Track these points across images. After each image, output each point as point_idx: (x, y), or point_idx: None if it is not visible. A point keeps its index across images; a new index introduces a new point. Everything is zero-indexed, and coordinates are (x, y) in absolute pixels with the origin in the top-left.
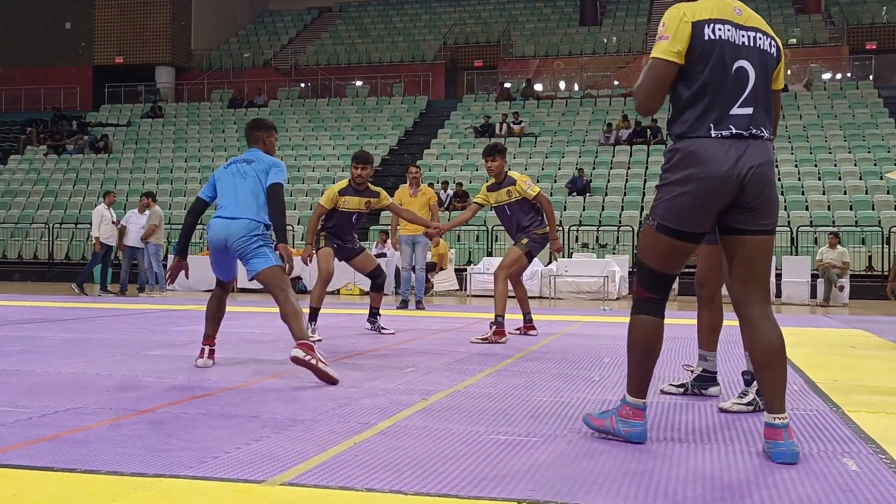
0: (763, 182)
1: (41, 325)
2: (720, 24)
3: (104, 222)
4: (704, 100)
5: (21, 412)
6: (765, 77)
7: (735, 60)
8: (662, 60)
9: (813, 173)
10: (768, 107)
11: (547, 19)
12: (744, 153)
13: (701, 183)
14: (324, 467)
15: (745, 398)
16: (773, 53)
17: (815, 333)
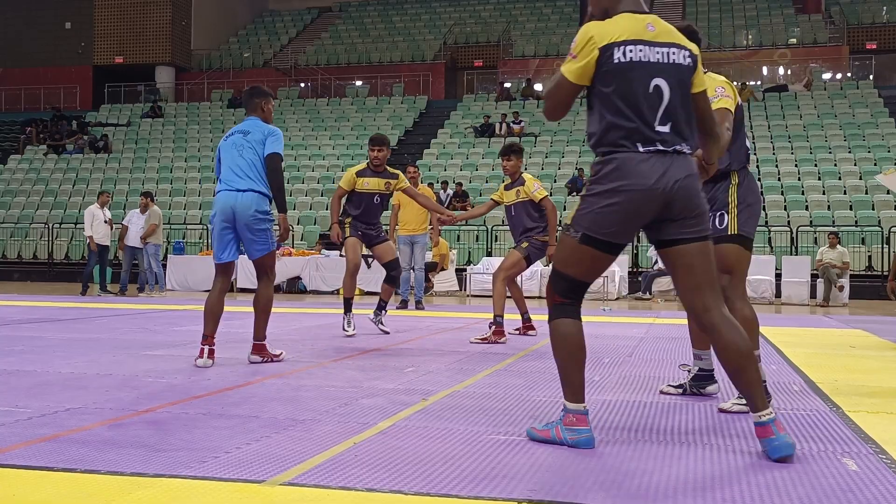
0: (689, 193)
1: (41, 325)
2: (631, 44)
3: (96, 221)
4: (627, 118)
5: (21, 412)
6: (681, 92)
7: (651, 79)
8: (566, 79)
9: (813, 173)
10: (688, 120)
11: (547, 19)
12: (668, 168)
13: (628, 195)
14: (324, 467)
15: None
16: (688, 64)
17: (814, 333)
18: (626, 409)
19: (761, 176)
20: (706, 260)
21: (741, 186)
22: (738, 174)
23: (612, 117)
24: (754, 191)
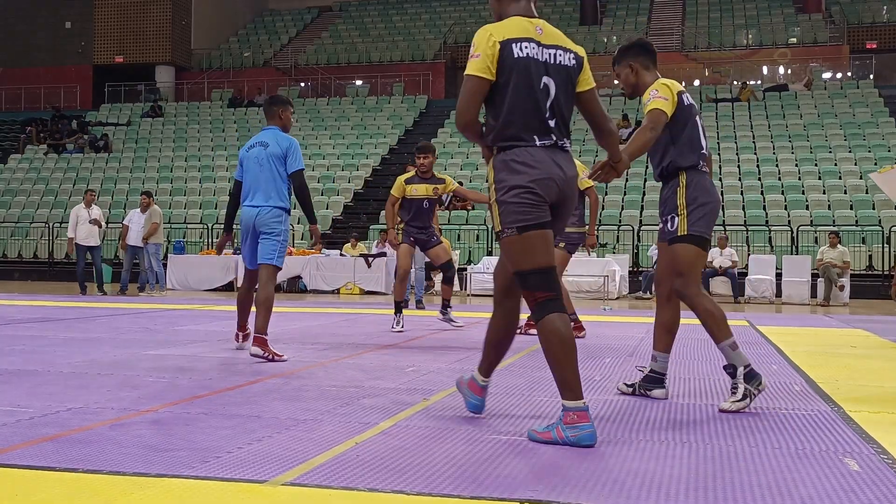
0: (574, 189)
1: (42, 324)
2: (525, 42)
3: (80, 222)
4: (525, 111)
5: (23, 412)
6: (565, 92)
7: (541, 76)
8: (475, 77)
9: (813, 172)
10: (567, 120)
11: (547, 18)
12: (561, 162)
13: (537, 184)
14: (326, 467)
15: (738, 393)
16: (573, 65)
17: (815, 333)
18: (628, 409)
19: (762, 175)
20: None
21: (690, 187)
22: (687, 174)
23: (512, 110)
24: (707, 189)
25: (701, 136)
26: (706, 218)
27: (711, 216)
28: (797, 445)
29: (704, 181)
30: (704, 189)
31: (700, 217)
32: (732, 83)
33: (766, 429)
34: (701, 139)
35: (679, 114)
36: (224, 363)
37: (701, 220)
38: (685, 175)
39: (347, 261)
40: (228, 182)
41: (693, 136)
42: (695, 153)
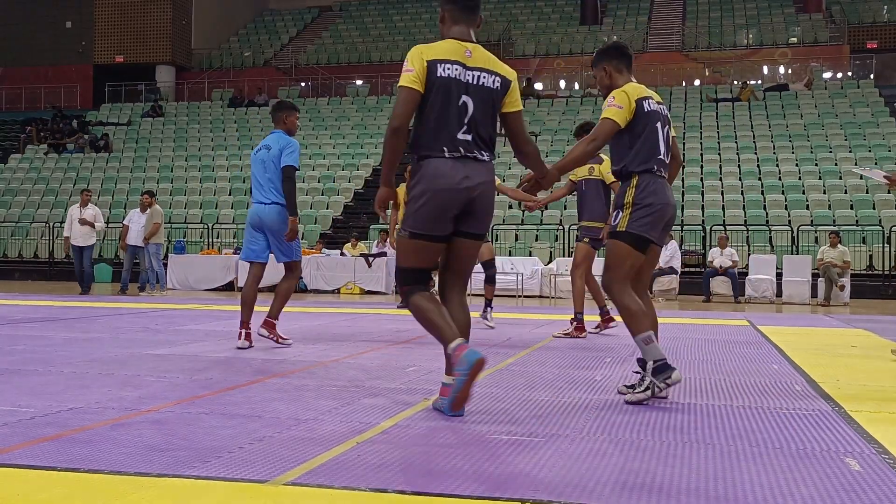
0: (487, 195)
1: (42, 324)
2: (450, 63)
3: (74, 223)
4: (438, 126)
5: (24, 412)
6: (483, 110)
7: (460, 95)
8: (407, 88)
9: (814, 172)
10: (488, 136)
11: (548, 18)
12: (469, 172)
13: (438, 194)
14: (327, 467)
15: (642, 385)
16: (496, 88)
17: (816, 333)
18: (628, 409)
19: (762, 175)
20: (474, 255)
21: (640, 188)
22: (640, 176)
23: (427, 123)
24: (658, 193)
25: (660, 141)
26: (649, 219)
27: (656, 219)
28: (798, 445)
29: (656, 185)
30: (653, 192)
31: (642, 217)
32: (733, 83)
33: (768, 428)
34: (660, 145)
35: (637, 120)
36: (225, 363)
37: (642, 220)
38: (637, 177)
39: (348, 260)
40: (229, 182)
41: (651, 141)
42: (651, 159)
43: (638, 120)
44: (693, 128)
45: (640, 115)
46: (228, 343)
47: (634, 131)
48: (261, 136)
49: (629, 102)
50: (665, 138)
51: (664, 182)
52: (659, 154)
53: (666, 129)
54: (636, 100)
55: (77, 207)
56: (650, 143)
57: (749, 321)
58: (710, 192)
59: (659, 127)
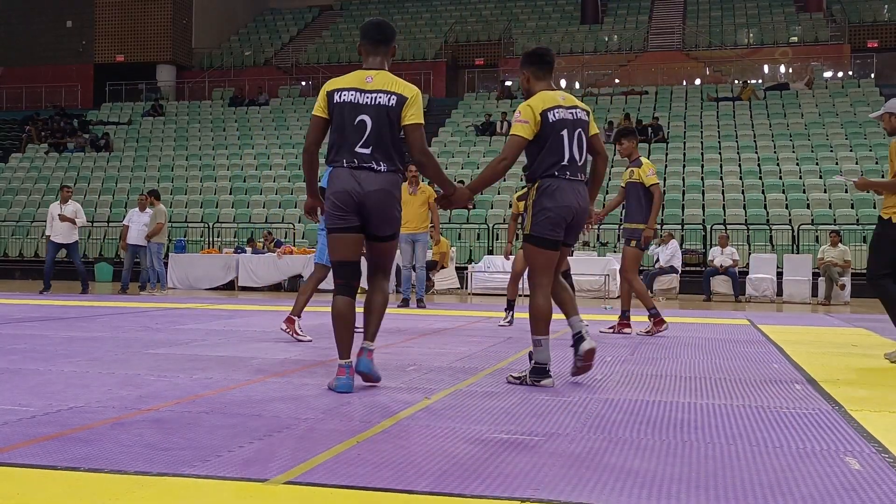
0: (380, 202)
1: (43, 323)
2: (346, 91)
3: (55, 220)
4: (340, 141)
5: (24, 410)
6: (379, 127)
7: (358, 115)
8: (313, 116)
9: (814, 171)
10: (387, 148)
11: (548, 17)
12: (362, 179)
13: (337, 196)
14: (327, 466)
15: (519, 374)
16: (391, 105)
17: (816, 332)
18: (628, 408)
19: (763, 174)
20: (382, 253)
21: (540, 191)
22: (541, 181)
23: (333, 140)
24: (556, 196)
25: (565, 148)
26: (548, 222)
27: (554, 221)
28: (798, 444)
29: (557, 187)
30: (551, 195)
31: (542, 220)
32: (733, 82)
33: (767, 428)
34: (564, 151)
35: (542, 131)
36: (225, 362)
37: (542, 222)
38: (540, 181)
39: None
40: (230, 181)
41: (554, 149)
42: (554, 165)
43: (543, 131)
44: (694, 127)
45: (544, 126)
46: (229, 342)
47: (540, 141)
48: (261, 135)
49: (534, 116)
50: (572, 142)
51: (569, 184)
52: (563, 160)
53: (577, 131)
54: (541, 112)
55: (57, 204)
56: (553, 151)
57: (749, 320)
58: (710, 192)
59: (565, 134)
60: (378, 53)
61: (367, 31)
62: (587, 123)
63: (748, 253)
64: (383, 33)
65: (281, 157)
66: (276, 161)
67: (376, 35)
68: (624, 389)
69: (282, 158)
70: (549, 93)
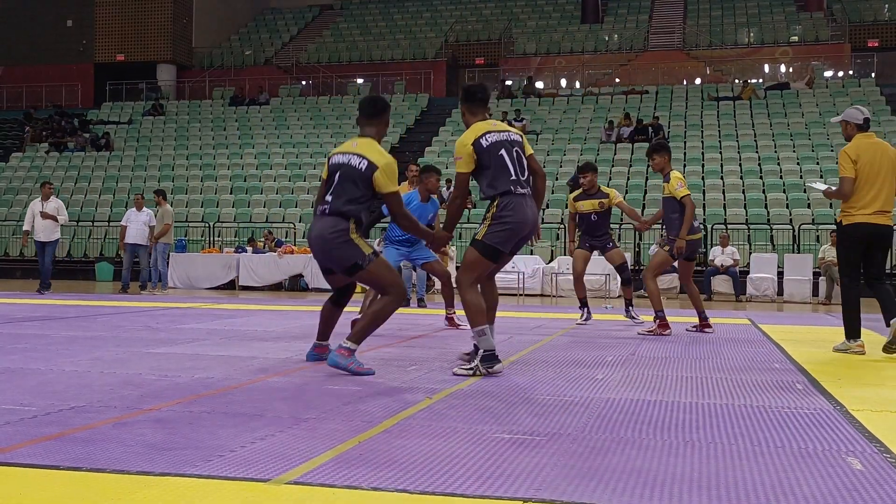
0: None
1: (44, 322)
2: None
3: (36, 217)
4: (320, 195)
5: (26, 410)
6: (344, 182)
7: (335, 173)
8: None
9: (815, 171)
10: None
11: (548, 17)
12: (316, 223)
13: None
14: (329, 465)
15: (469, 365)
16: (362, 168)
17: (817, 331)
18: (630, 408)
19: (763, 174)
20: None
21: (500, 207)
22: (501, 197)
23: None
24: (516, 211)
25: (508, 165)
26: (504, 234)
27: (510, 234)
28: (800, 444)
29: (515, 203)
30: (512, 210)
31: (498, 231)
32: (734, 81)
33: (769, 427)
34: (509, 169)
35: (480, 157)
36: (226, 361)
37: (498, 234)
38: (499, 198)
39: None
40: (230, 181)
41: (499, 167)
42: (505, 182)
43: (481, 157)
44: (694, 126)
45: (480, 153)
46: (230, 342)
47: (482, 166)
48: (262, 134)
49: (465, 150)
50: (513, 160)
51: (523, 199)
52: (511, 175)
53: (514, 150)
54: (472, 143)
55: (38, 201)
56: (499, 170)
57: (750, 320)
58: (711, 191)
59: (504, 153)
60: (367, 125)
61: (362, 106)
62: (522, 144)
63: (749, 252)
64: (375, 108)
65: (281, 156)
66: (276, 160)
67: (369, 110)
68: (625, 389)
69: (282, 158)
70: (480, 123)
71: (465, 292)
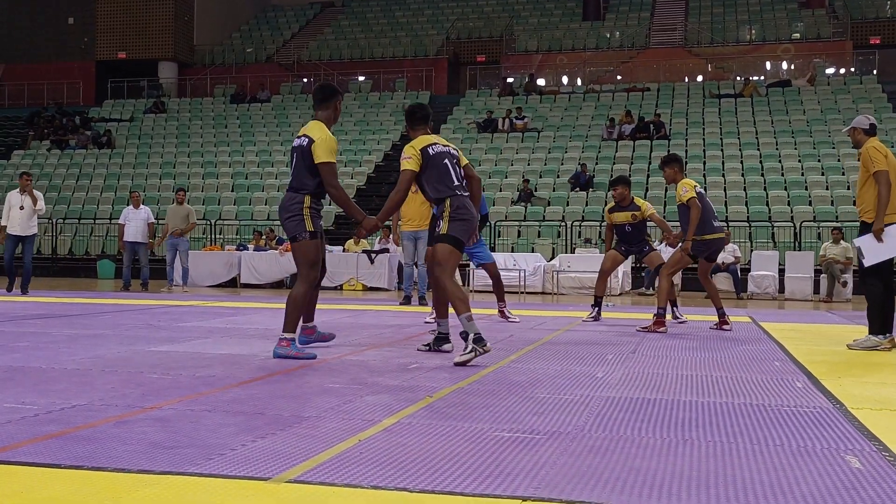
0: (281, 212)
1: (45, 320)
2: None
3: (13, 209)
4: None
5: (28, 409)
6: (297, 161)
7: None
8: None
9: (816, 168)
10: (298, 178)
11: (550, 14)
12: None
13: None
14: (329, 464)
15: (467, 349)
16: (304, 145)
17: (818, 329)
18: (630, 406)
19: (765, 171)
20: (297, 254)
21: (454, 207)
22: (452, 198)
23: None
24: (468, 208)
25: (451, 172)
26: (464, 227)
27: (468, 228)
28: (799, 442)
29: (465, 202)
30: (466, 208)
31: (460, 226)
32: (735, 78)
33: (768, 426)
34: (451, 174)
35: (426, 163)
36: (227, 360)
37: (460, 228)
38: (450, 199)
39: (350, 257)
40: (231, 178)
41: (443, 174)
42: (450, 186)
43: (426, 163)
44: (696, 124)
45: (426, 158)
46: (231, 340)
47: (427, 172)
48: (263, 132)
49: (416, 153)
50: (455, 169)
51: (467, 199)
52: (455, 181)
53: (454, 161)
54: (420, 149)
55: (16, 193)
56: (443, 175)
57: (751, 317)
58: (712, 188)
59: (447, 162)
60: (317, 110)
61: (314, 93)
62: (458, 158)
63: (750, 250)
64: (324, 94)
65: (283, 153)
66: (277, 158)
67: (319, 96)
68: (625, 387)
69: (283, 155)
70: (425, 136)
71: (447, 283)
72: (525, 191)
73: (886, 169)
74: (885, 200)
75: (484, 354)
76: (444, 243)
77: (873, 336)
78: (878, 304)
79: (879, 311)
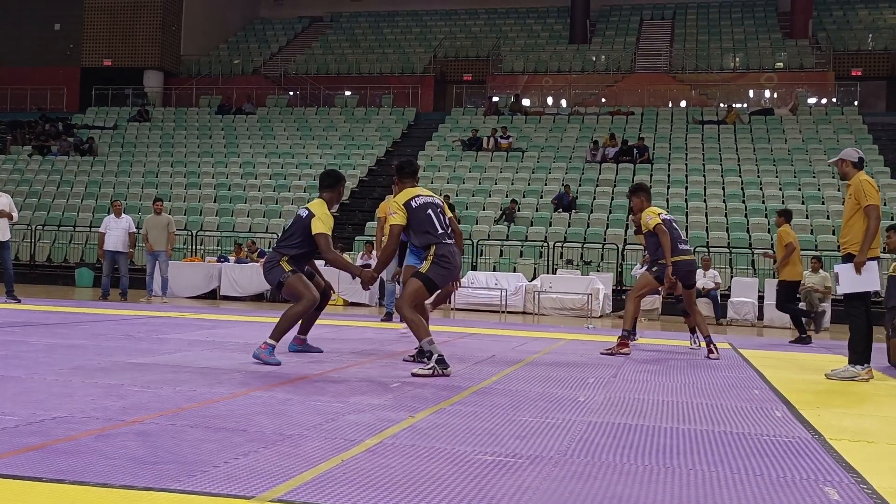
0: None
1: (24, 329)
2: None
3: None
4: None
5: (7, 419)
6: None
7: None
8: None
9: (797, 196)
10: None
11: (537, 36)
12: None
13: None
14: (312, 484)
15: (427, 366)
16: (304, 216)
17: (795, 358)
18: (612, 432)
19: (746, 198)
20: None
21: (438, 254)
22: (437, 246)
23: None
24: (453, 256)
25: (435, 221)
26: (444, 274)
27: (448, 275)
28: (779, 472)
29: (449, 250)
30: (451, 255)
31: (440, 272)
32: (719, 106)
33: (748, 455)
34: (435, 223)
35: (411, 215)
36: (209, 373)
37: (439, 273)
38: (435, 246)
39: (332, 272)
40: (214, 189)
41: (428, 223)
42: (434, 234)
43: (412, 215)
44: (678, 149)
45: (411, 211)
46: (212, 353)
47: (413, 224)
48: (248, 143)
49: (399, 207)
50: (439, 217)
51: (452, 247)
52: (438, 230)
53: (438, 210)
54: (403, 203)
55: None
56: (427, 225)
57: (731, 344)
58: (694, 214)
59: (431, 212)
60: (324, 190)
61: (321, 178)
62: (443, 208)
63: (730, 276)
64: (331, 179)
65: (267, 166)
66: (261, 170)
67: (326, 182)
68: (607, 412)
69: (267, 168)
70: (410, 189)
71: (408, 313)
72: (511, 211)
73: (878, 204)
74: (873, 235)
75: (443, 377)
76: (417, 279)
77: (851, 366)
78: (862, 333)
79: (863, 340)
